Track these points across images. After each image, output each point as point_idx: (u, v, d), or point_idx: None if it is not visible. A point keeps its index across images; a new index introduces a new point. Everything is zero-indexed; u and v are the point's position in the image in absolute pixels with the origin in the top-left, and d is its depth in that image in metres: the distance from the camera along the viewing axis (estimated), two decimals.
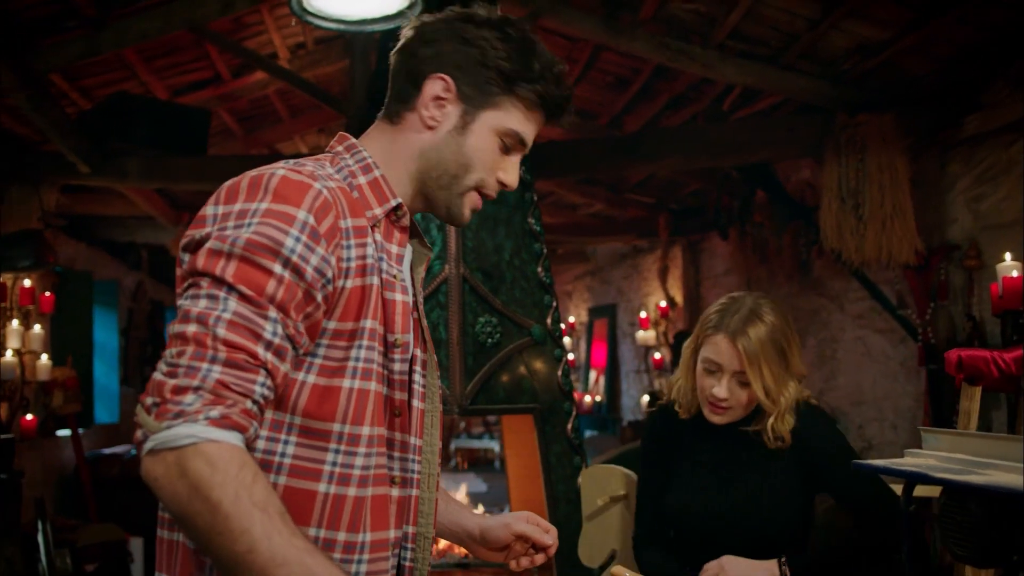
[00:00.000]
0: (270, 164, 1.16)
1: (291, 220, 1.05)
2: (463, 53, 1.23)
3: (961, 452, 1.36)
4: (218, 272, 1.02)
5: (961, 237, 4.25)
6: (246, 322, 1.00)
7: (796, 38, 4.17)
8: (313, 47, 5.66)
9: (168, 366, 0.99)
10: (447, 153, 1.24)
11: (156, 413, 0.96)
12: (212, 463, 0.94)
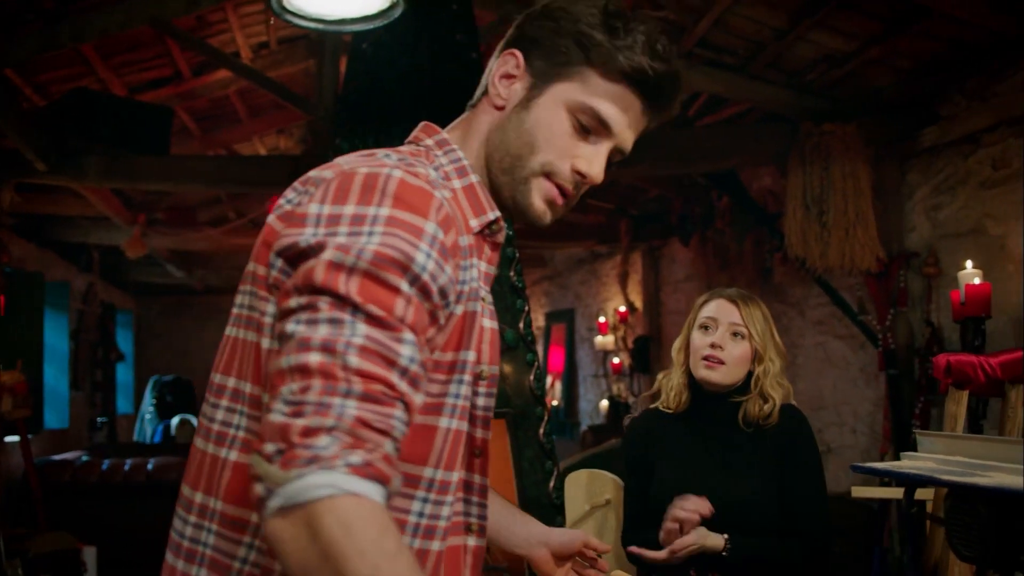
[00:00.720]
0: (366, 157, 1.02)
1: (420, 232, 0.89)
2: (539, 25, 1.09)
3: (959, 455, 1.39)
4: (341, 290, 0.84)
5: (920, 245, 4.36)
6: (380, 347, 0.83)
7: (763, 48, 4.24)
8: (277, 47, 5.58)
9: (290, 405, 0.79)
10: (510, 131, 1.08)
11: (282, 461, 0.76)
12: (347, 525, 0.74)
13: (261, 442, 0.80)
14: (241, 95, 6.17)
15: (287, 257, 0.91)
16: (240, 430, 0.97)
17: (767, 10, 3.95)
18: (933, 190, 4.29)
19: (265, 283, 0.96)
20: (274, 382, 0.83)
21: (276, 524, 0.76)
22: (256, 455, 0.79)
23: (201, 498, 0.98)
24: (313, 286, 0.85)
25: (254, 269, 0.99)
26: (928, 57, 4.00)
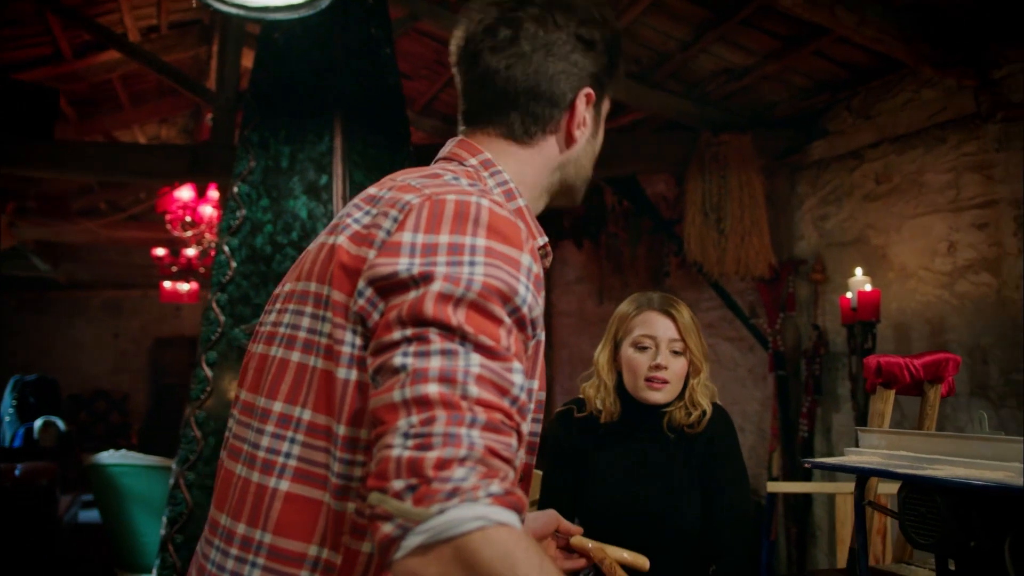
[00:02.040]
0: (434, 179, 0.99)
1: (518, 264, 0.89)
2: (595, 53, 1.10)
3: (904, 449, 1.47)
4: (452, 321, 0.82)
5: (808, 253, 4.60)
6: (496, 377, 0.82)
7: (668, 58, 4.37)
8: (167, 31, 5.34)
9: (413, 438, 0.76)
10: (586, 160, 1.16)
11: (416, 496, 0.73)
12: (510, 554, 0.73)
13: (384, 480, 0.76)
14: (124, 80, 5.87)
15: (380, 287, 0.88)
16: (292, 459, 0.92)
17: (674, 22, 4.07)
18: (820, 201, 4.54)
19: (345, 311, 0.91)
20: (384, 418, 0.80)
21: (415, 563, 0.73)
22: (378, 493, 0.76)
23: (245, 529, 0.93)
24: (422, 318, 0.82)
25: (323, 292, 0.94)
26: (819, 75, 4.23)
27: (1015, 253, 3.51)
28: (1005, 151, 3.56)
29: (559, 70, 1.07)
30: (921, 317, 3.90)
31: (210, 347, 3.17)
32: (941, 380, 1.84)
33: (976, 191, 3.68)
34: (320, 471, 0.90)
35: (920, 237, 3.93)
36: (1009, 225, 3.53)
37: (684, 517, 1.96)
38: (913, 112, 3.94)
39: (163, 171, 4.39)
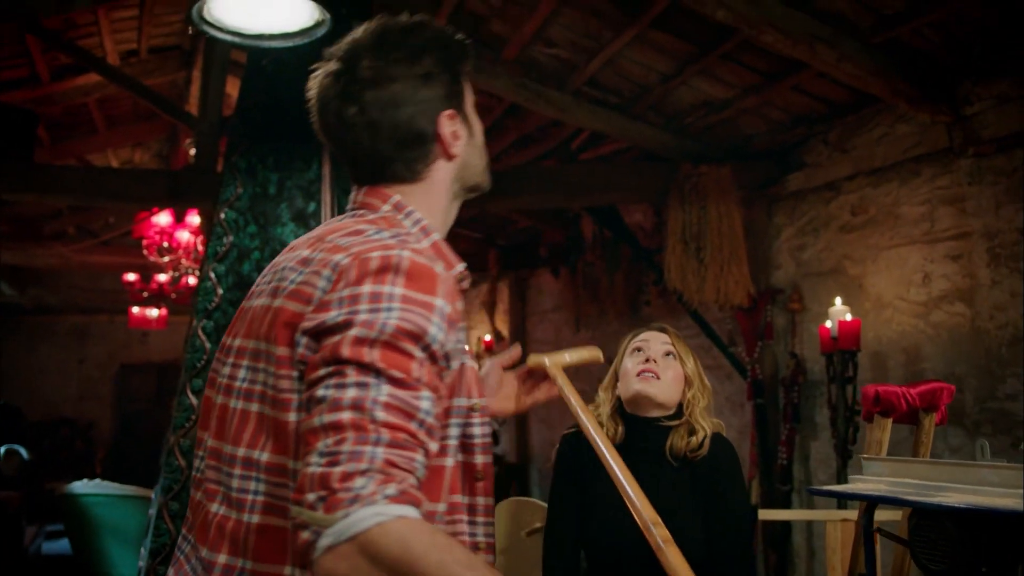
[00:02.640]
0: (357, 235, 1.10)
1: (431, 308, 1.02)
2: (434, 79, 1.19)
3: (909, 477, 1.50)
4: (366, 359, 0.96)
5: (785, 282, 4.68)
6: (401, 403, 0.95)
7: (648, 90, 4.44)
8: (147, 56, 5.31)
9: (326, 456, 0.90)
10: (474, 158, 1.27)
11: (326, 506, 0.87)
12: (404, 538, 0.86)
13: (301, 493, 0.90)
14: (100, 104, 5.83)
15: (313, 335, 1.02)
16: (259, 495, 1.05)
17: (656, 55, 4.15)
18: (797, 232, 4.62)
19: (290, 363, 1.04)
20: (308, 440, 0.94)
21: (329, 562, 0.86)
22: (297, 506, 0.90)
23: (226, 559, 1.05)
24: (340, 357, 0.97)
25: (269, 350, 1.07)
26: (796, 109, 4.33)
27: (988, 284, 3.61)
28: (977, 185, 3.66)
29: (412, 113, 1.17)
30: (897, 346, 3.98)
31: (195, 374, 3.13)
32: (936, 408, 1.88)
33: (950, 223, 3.78)
34: (282, 503, 1.02)
35: (896, 268, 4.02)
36: (982, 257, 3.63)
37: (687, 543, 1.97)
38: (888, 146, 4.04)
39: (143, 196, 4.35)
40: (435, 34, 1.22)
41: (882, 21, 3.45)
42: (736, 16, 3.36)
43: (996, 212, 3.58)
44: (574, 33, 4.16)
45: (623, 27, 3.95)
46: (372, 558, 0.85)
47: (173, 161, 6.42)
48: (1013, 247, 3.51)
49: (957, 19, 3.36)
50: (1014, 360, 3.48)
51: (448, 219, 1.27)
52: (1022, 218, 3.48)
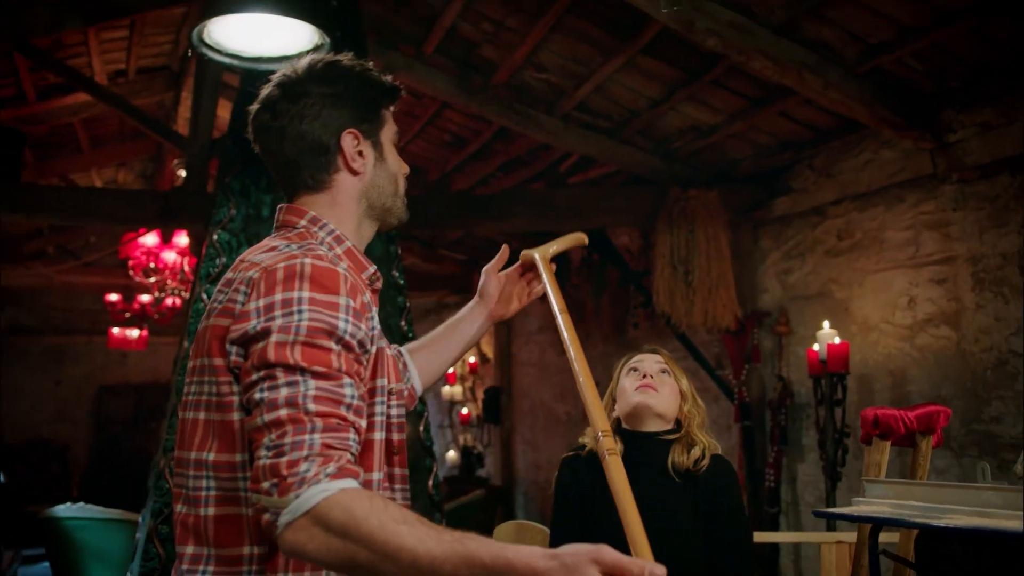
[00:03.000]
0: (272, 252, 1.26)
1: (336, 306, 1.18)
2: (350, 102, 1.38)
3: (913, 500, 1.52)
4: (290, 360, 1.12)
5: (771, 305, 4.72)
6: (328, 393, 1.12)
7: (637, 115, 4.50)
8: (135, 76, 5.30)
9: (272, 450, 1.08)
10: (381, 181, 1.42)
11: (279, 491, 1.05)
12: (347, 506, 1.04)
13: (257, 484, 1.08)
14: (86, 124, 5.80)
15: (240, 343, 1.18)
16: (211, 490, 1.20)
17: (645, 81, 4.20)
18: (784, 255, 4.68)
19: (227, 369, 1.20)
20: (254, 437, 1.11)
21: (290, 536, 1.05)
22: (255, 494, 1.08)
23: (193, 549, 1.20)
24: (268, 362, 1.12)
25: (209, 362, 1.22)
26: (783, 134, 4.39)
27: (973, 308, 3.66)
28: (961, 210, 3.73)
29: (315, 127, 1.35)
30: (884, 369, 4.03)
31: None
32: (932, 431, 1.91)
33: (934, 248, 3.84)
34: (233, 493, 1.18)
35: (881, 291, 4.07)
36: (967, 281, 3.69)
37: (691, 557, 1.99)
38: (873, 172, 4.11)
39: (134, 217, 4.33)
40: (360, 70, 1.40)
41: (867, 50, 3.52)
42: (726, 44, 3.42)
43: (980, 237, 3.65)
44: (564, 58, 4.21)
45: (613, 53, 4.00)
46: (324, 526, 1.03)
47: (158, 181, 6.39)
48: (997, 271, 3.57)
49: (939, 49, 3.43)
50: (999, 383, 3.53)
51: (362, 233, 1.42)
52: (1006, 243, 3.55)
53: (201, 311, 3.21)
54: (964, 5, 3.12)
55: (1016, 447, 3.47)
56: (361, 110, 1.39)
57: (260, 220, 3.31)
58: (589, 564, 0.99)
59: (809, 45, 3.52)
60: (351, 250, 1.37)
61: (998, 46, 3.34)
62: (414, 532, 1.03)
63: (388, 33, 4.40)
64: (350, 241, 1.37)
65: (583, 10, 3.78)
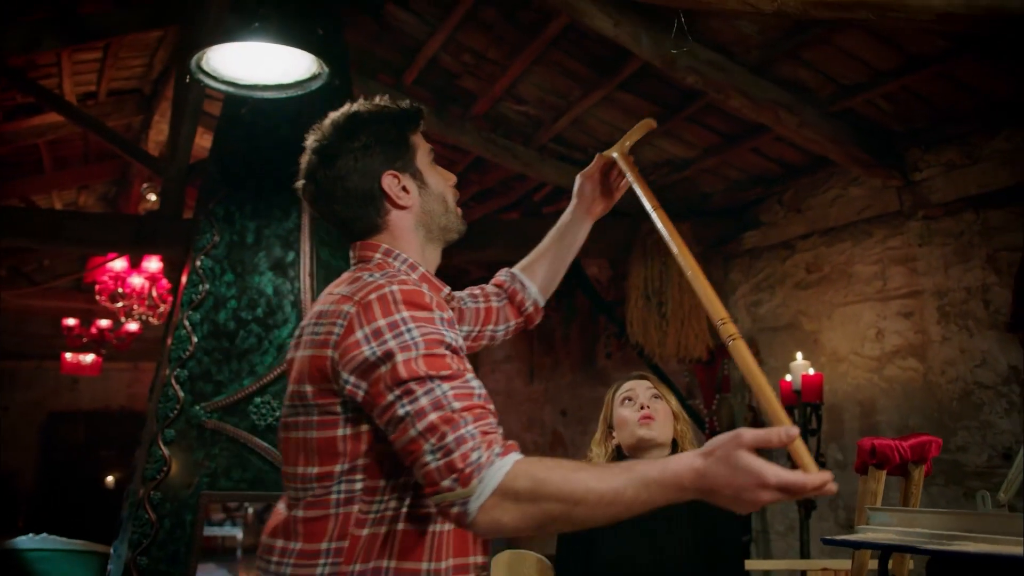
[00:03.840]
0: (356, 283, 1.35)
1: (433, 320, 1.29)
2: (378, 149, 1.46)
3: (919, 527, 1.58)
4: (420, 372, 1.22)
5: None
6: (461, 391, 1.21)
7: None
8: (105, 98, 5.24)
9: (438, 451, 1.17)
10: (430, 205, 1.50)
11: (460, 483, 1.15)
12: (529, 473, 1.15)
13: (435, 486, 1.17)
14: (51, 146, 5.71)
15: (358, 372, 1.26)
16: (307, 496, 1.32)
17: (622, 115, 4.29)
18: (753, 288, 4.78)
19: (328, 393, 1.30)
20: (410, 449, 1.20)
21: (484, 517, 1.15)
22: (436, 495, 1.17)
23: (281, 544, 1.33)
24: (401, 380, 1.22)
25: (302, 388, 1.33)
26: (754, 170, 4.52)
27: (939, 340, 3.79)
28: (927, 246, 3.87)
29: (356, 183, 1.44)
30: (852, 399, 4.13)
31: (168, 424, 3.06)
32: (924, 461, 1.98)
33: (901, 282, 3.97)
34: (324, 498, 1.30)
35: (850, 324, 4.19)
36: (932, 314, 3.82)
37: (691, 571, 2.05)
38: (841, 207, 4.24)
39: (108, 241, 4.26)
40: (378, 111, 1.48)
41: (840, 91, 3.65)
42: (706, 81, 3.52)
43: (945, 272, 3.78)
44: (544, 91, 4.28)
45: (593, 87, 4.08)
46: (514, 498, 1.14)
47: (122, 205, 6.30)
48: (962, 305, 3.71)
49: (908, 92, 3.57)
50: (964, 413, 3.65)
51: (427, 257, 1.51)
52: (970, 278, 3.68)
53: (184, 338, 3.18)
54: (934, 51, 3.26)
55: (981, 475, 3.59)
56: (391, 149, 1.47)
57: (244, 247, 3.29)
58: (737, 448, 1.11)
59: (784, 85, 3.65)
60: (424, 275, 1.47)
61: (964, 89, 3.49)
62: (591, 474, 1.16)
63: (368, 62, 4.43)
64: (422, 267, 1.47)
65: (567, 44, 3.85)
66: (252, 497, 3.22)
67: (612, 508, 1.16)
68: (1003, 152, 3.57)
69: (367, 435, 1.29)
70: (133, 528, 3.00)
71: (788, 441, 1.13)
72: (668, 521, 2.14)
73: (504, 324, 1.82)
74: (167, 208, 4.27)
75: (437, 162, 1.57)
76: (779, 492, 1.09)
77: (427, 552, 1.30)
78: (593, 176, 1.92)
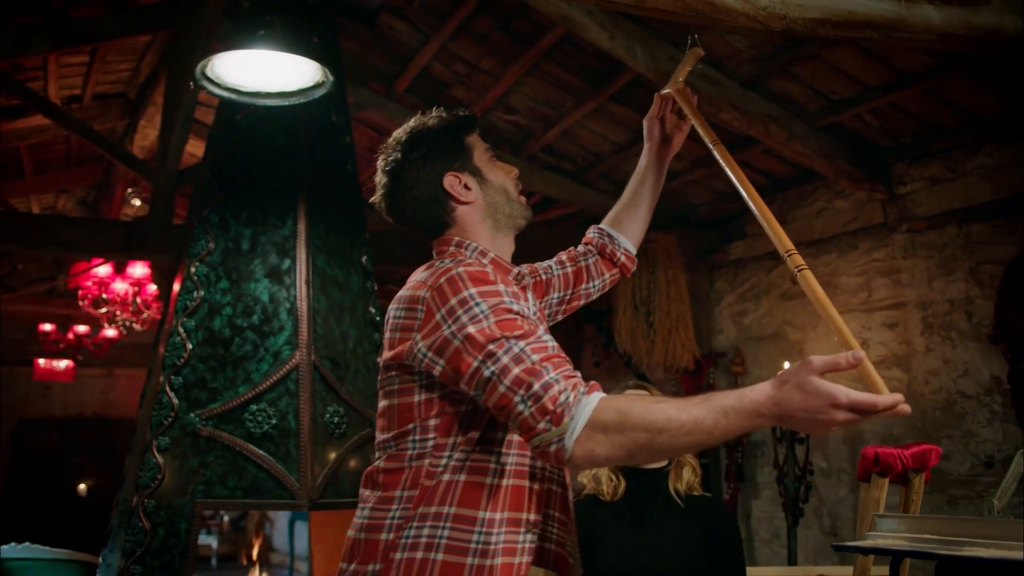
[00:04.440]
0: (430, 270, 1.51)
1: (498, 292, 1.43)
2: (435, 154, 1.62)
3: (924, 532, 1.62)
4: (496, 335, 1.35)
5: (726, 346, 4.87)
6: (536, 344, 1.35)
7: (601, 158, 4.62)
8: (89, 102, 5.20)
9: (529, 399, 1.30)
10: (492, 197, 1.65)
11: (554, 423, 1.28)
12: (614, 407, 1.28)
13: (531, 431, 1.30)
14: (32, 149, 5.64)
15: (436, 349, 1.42)
16: (388, 452, 1.51)
17: (612, 126, 4.34)
18: (739, 298, 4.84)
19: (407, 368, 1.49)
20: (502, 404, 1.33)
21: (579, 449, 1.28)
22: (534, 437, 1.30)
23: (367, 493, 1.52)
24: (480, 345, 1.36)
25: (388, 363, 1.53)
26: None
27: (922, 351, 3.86)
28: (911, 258, 3.95)
29: (421, 189, 1.62)
30: None
31: (162, 432, 3.03)
32: (924, 468, 2.02)
33: (886, 294, 4.05)
34: (400, 454, 1.48)
35: (835, 334, 4.24)
36: (916, 325, 3.89)
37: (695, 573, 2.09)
38: (827, 220, 4.32)
39: (98, 247, 4.21)
40: (433, 122, 1.64)
41: (829, 106, 3.73)
42: (699, 95, 3.56)
43: (929, 284, 3.86)
44: (536, 102, 4.32)
45: (585, 98, 4.12)
46: (603, 430, 1.27)
47: (103, 210, 6.23)
48: (945, 317, 3.79)
49: (896, 108, 3.65)
50: (947, 423, 3.73)
51: (500, 245, 1.66)
52: (953, 290, 3.76)
53: (179, 345, 3.16)
54: (922, 68, 3.34)
55: (964, 483, 3.67)
56: (449, 154, 1.62)
57: (239, 253, 3.27)
58: (808, 374, 1.22)
59: (775, 99, 3.71)
60: (495, 259, 1.62)
61: (948, 106, 3.58)
62: (671, 405, 1.28)
63: (359, 69, 4.43)
64: (492, 253, 1.62)
65: (561, 56, 3.89)
66: (248, 505, 3.19)
67: (693, 436, 1.27)
68: (986, 167, 3.66)
69: (437, 401, 1.46)
70: (126, 537, 2.97)
71: (856, 363, 1.26)
72: (669, 526, 2.17)
73: (600, 278, 1.96)
74: (156, 214, 4.24)
75: None
76: (851, 412, 1.20)
77: (484, 502, 1.44)
78: (656, 117, 2.03)
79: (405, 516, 1.45)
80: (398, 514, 1.45)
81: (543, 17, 3.58)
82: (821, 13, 1.95)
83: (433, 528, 1.43)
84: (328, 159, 3.57)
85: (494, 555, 1.43)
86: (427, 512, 1.44)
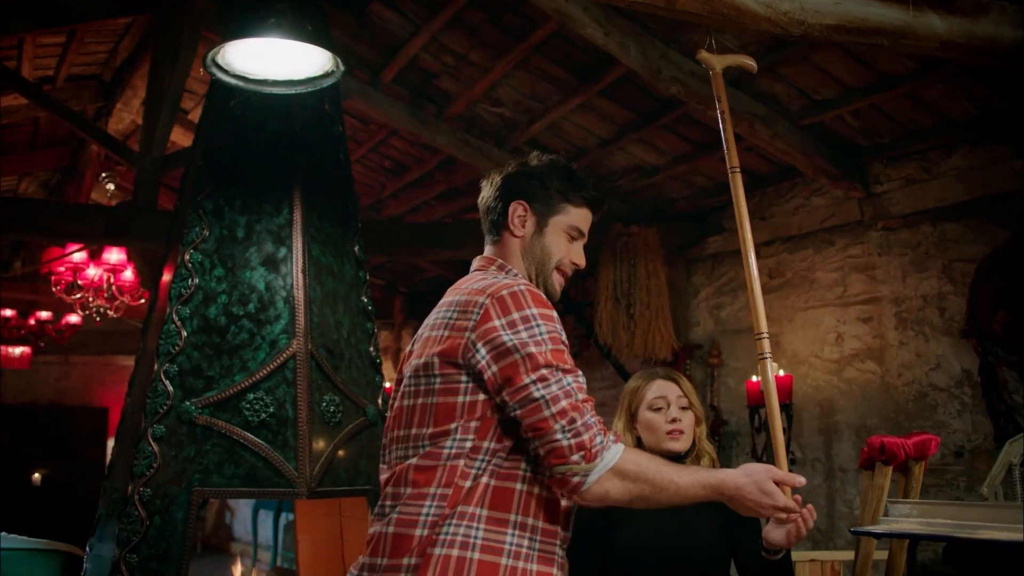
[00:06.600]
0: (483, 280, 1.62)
1: (554, 318, 1.57)
2: (529, 184, 1.75)
3: (939, 518, 1.71)
4: (553, 363, 1.51)
5: (703, 338, 4.98)
6: (579, 384, 1.54)
7: (585, 152, 4.68)
8: (63, 84, 5.09)
9: (569, 432, 1.48)
10: (534, 250, 1.75)
11: (586, 459, 1.48)
12: (634, 460, 1.53)
13: (563, 458, 1.48)
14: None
15: (494, 353, 1.52)
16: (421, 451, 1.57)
17: (598, 121, 4.39)
18: (716, 291, 4.95)
19: (453, 366, 1.57)
20: (539, 425, 1.49)
21: (598, 487, 1.50)
22: (561, 466, 1.49)
23: (393, 490, 1.59)
24: (537, 366, 1.50)
25: (432, 361, 1.59)
26: (720, 177, 4.66)
27: (896, 345, 4.00)
28: (886, 255, 4.08)
29: (495, 194, 1.77)
30: (812, 400, 4.33)
31: (157, 420, 3.01)
32: (924, 457, 2.12)
33: (861, 289, 4.18)
34: (436, 452, 1.55)
35: (811, 328, 4.38)
36: (890, 320, 4.03)
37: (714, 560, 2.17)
38: (804, 216, 4.43)
39: (78, 232, 4.14)
40: (556, 164, 1.78)
41: (811, 106, 3.83)
42: (688, 92, 3.64)
43: (903, 280, 4.00)
44: (522, 95, 4.35)
45: (573, 93, 4.17)
46: (621, 476, 1.50)
47: (70, 194, 6.10)
48: (918, 312, 3.93)
49: (875, 109, 3.77)
50: (920, 414, 3.87)
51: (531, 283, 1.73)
52: (926, 286, 3.90)
53: (173, 332, 3.13)
54: (905, 72, 3.45)
55: (935, 473, 3.81)
56: (543, 194, 1.73)
57: (234, 241, 3.26)
58: (768, 480, 1.55)
59: (760, 98, 3.80)
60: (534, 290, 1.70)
61: (926, 108, 3.70)
62: (671, 469, 1.54)
63: (345, 58, 4.41)
64: (525, 283, 1.66)
65: (550, 50, 3.93)
66: (246, 493, 3.17)
67: (676, 497, 1.55)
68: (959, 169, 3.80)
69: (481, 404, 1.54)
70: (121, 526, 2.95)
71: (801, 484, 1.61)
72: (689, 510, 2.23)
73: None
74: (140, 199, 4.18)
75: None
76: (781, 511, 1.58)
77: (515, 506, 1.55)
78: None
79: (440, 514, 1.52)
80: (433, 511, 1.52)
81: (536, 12, 3.62)
82: (837, 20, 2.03)
83: (468, 528, 1.52)
84: (321, 148, 3.56)
85: (528, 559, 1.55)
86: (464, 511, 1.52)
